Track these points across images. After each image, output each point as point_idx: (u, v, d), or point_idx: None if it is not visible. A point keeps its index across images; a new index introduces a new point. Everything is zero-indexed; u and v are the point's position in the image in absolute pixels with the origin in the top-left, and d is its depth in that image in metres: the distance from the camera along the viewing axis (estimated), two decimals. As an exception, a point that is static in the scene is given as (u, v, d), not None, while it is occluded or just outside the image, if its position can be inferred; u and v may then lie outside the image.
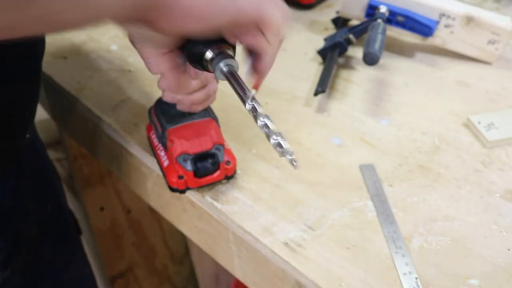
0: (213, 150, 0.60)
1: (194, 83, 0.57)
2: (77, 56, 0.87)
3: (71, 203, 1.06)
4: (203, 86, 0.58)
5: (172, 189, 0.62)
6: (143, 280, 1.31)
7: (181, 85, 0.56)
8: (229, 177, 0.63)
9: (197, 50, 0.46)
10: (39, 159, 0.74)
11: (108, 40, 0.91)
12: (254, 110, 0.45)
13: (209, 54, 0.46)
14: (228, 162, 0.62)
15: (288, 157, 0.44)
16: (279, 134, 0.44)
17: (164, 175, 0.63)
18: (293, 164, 0.44)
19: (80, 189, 1.09)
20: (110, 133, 0.74)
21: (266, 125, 0.44)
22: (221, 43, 0.46)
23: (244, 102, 0.45)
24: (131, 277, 1.28)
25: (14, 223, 0.63)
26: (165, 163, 0.63)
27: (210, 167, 0.60)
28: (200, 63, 0.47)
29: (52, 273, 0.73)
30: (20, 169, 0.64)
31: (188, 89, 0.57)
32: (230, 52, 0.47)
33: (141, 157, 0.70)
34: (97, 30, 0.92)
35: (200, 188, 0.62)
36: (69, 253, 0.80)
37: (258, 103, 0.45)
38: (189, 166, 0.60)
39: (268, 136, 0.44)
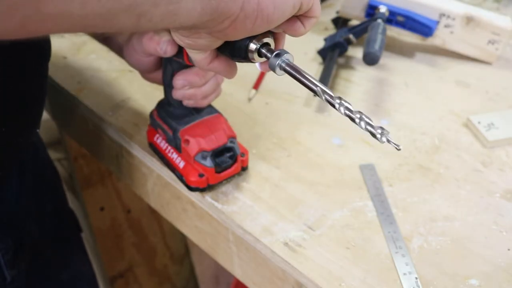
0: (229, 144, 0.61)
1: (208, 75, 0.58)
2: (77, 56, 0.87)
3: (71, 203, 1.06)
4: (212, 77, 0.60)
5: (192, 189, 0.62)
6: (143, 280, 1.31)
7: (197, 78, 0.57)
8: (245, 168, 0.64)
9: (241, 44, 0.45)
10: (40, 159, 0.74)
11: (108, 40, 0.91)
12: (331, 99, 0.44)
13: (253, 46, 0.45)
14: (242, 154, 0.63)
15: (385, 136, 0.43)
16: (382, 128, 0.44)
17: (181, 177, 0.63)
18: (396, 147, 0.43)
19: (80, 189, 1.09)
20: (110, 133, 0.74)
21: (367, 122, 0.44)
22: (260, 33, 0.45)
23: (316, 93, 0.44)
24: (131, 277, 1.28)
25: (19, 222, 0.63)
26: (181, 164, 0.62)
27: (229, 161, 0.61)
28: (245, 57, 0.46)
29: (53, 272, 0.74)
30: (23, 169, 0.64)
31: (201, 82, 0.58)
32: (271, 38, 0.46)
33: (141, 157, 0.70)
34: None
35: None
36: (70, 252, 0.80)
37: (331, 91, 0.45)
38: (209, 162, 0.60)
39: (373, 135, 0.44)
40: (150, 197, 0.74)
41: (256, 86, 0.81)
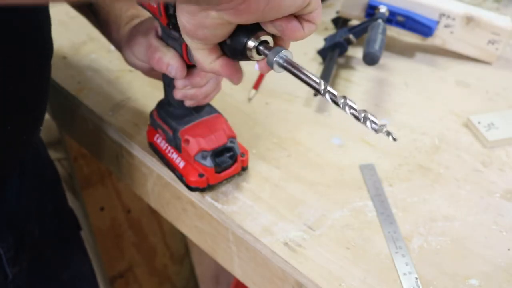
0: (229, 144, 0.61)
1: (209, 74, 0.58)
2: (77, 56, 0.87)
3: (71, 203, 1.06)
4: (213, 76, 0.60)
5: (192, 189, 0.62)
6: (143, 280, 1.31)
7: (198, 78, 0.58)
8: (245, 168, 0.64)
9: (240, 42, 0.45)
10: (40, 159, 0.74)
11: (108, 40, 0.91)
12: (332, 96, 0.44)
13: (251, 43, 0.45)
14: (242, 154, 0.63)
15: (384, 131, 0.43)
16: (364, 111, 0.44)
17: (181, 177, 0.63)
18: (392, 138, 0.43)
19: (80, 189, 1.09)
20: (110, 133, 0.74)
21: (350, 107, 0.44)
22: (258, 31, 0.45)
23: (316, 90, 0.44)
24: (131, 277, 1.28)
25: (19, 222, 0.63)
26: (181, 164, 0.62)
27: (229, 161, 0.61)
28: (243, 54, 0.46)
29: (53, 272, 0.74)
30: (23, 169, 0.64)
31: (202, 82, 0.58)
32: (269, 36, 0.46)
33: (141, 157, 0.70)
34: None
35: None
36: (70, 252, 0.80)
37: (331, 87, 0.44)
38: (209, 162, 0.60)
39: (357, 118, 0.44)
40: (150, 197, 0.74)
41: (256, 86, 0.81)
